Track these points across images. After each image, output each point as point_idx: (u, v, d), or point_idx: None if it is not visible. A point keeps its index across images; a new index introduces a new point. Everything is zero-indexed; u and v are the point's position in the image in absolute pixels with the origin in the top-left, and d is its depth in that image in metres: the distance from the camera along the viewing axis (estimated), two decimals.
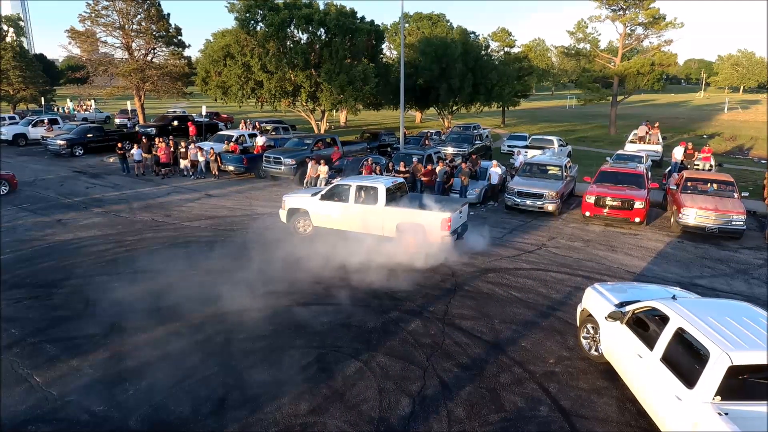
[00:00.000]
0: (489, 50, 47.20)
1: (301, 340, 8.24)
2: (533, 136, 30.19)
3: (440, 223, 11.78)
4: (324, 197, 13.17)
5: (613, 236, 14.27)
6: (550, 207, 15.91)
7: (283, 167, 20.90)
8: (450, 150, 25.21)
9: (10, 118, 35.08)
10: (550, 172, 17.55)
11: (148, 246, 12.76)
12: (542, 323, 8.90)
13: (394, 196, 12.88)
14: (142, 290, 9.91)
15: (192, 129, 30.58)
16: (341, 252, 11.67)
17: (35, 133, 31.74)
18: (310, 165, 18.85)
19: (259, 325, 8.69)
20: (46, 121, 33.00)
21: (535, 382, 7.16)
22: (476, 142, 27.71)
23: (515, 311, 9.35)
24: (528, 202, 16.11)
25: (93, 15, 35.18)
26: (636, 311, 6.88)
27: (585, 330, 7.97)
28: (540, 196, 15.98)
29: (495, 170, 18.34)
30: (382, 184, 12.66)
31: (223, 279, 10.44)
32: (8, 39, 65.57)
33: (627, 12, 37.87)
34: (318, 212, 13.28)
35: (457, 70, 37.48)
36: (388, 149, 27.37)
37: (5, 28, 74.12)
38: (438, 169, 17.97)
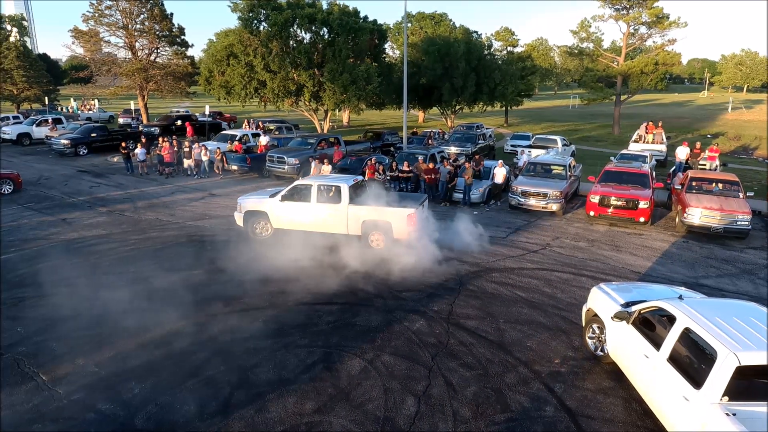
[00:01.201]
0: (492, 50, 47.13)
1: (306, 339, 8.24)
2: (536, 136, 30.13)
3: (406, 219, 11.88)
4: (284, 198, 12.87)
5: (618, 236, 14.23)
6: (554, 207, 15.88)
7: (286, 166, 20.92)
8: (453, 149, 25.18)
9: (14, 117, 35.28)
10: (553, 171, 17.52)
11: (153, 245, 12.78)
12: (547, 323, 8.88)
13: (356, 194, 12.80)
14: (148, 289, 9.94)
15: (189, 129, 30.56)
16: (335, 251, 11.72)
17: (39, 132, 31.85)
18: (313, 164, 18.85)
19: (263, 323, 8.70)
20: (50, 121, 33.13)
21: (541, 382, 7.14)
22: (479, 141, 27.67)
23: (520, 311, 9.34)
24: (532, 201, 16.09)
25: (96, 15, 35.27)
26: (642, 311, 6.86)
27: (590, 330, 7.95)
28: (544, 196, 15.95)
29: (500, 170, 18.32)
30: (344, 183, 12.61)
31: (224, 277, 10.45)
32: (11, 39, 65.74)
33: (630, 11, 37.78)
34: (278, 214, 12.92)
35: (460, 69, 37.44)
36: (391, 149, 27.37)
37: (8, 27, 74.35)
38: (441, 168, 17.97)
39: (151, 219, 15.30)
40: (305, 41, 32.19)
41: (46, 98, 49.50)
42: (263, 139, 25.74)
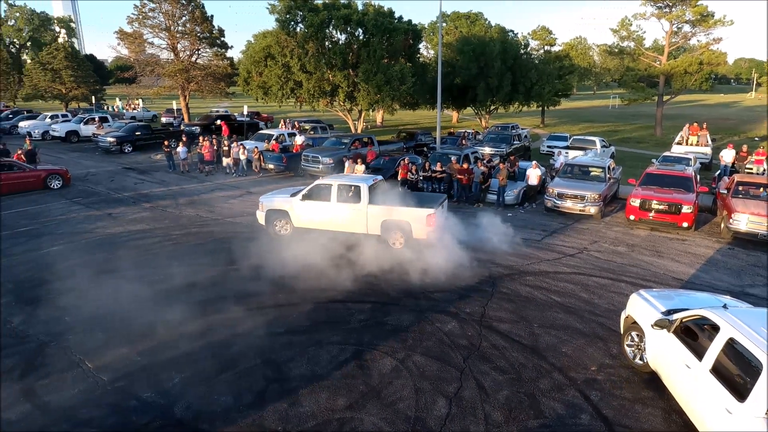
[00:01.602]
0: (528, 49, 46.34)
1: (338, 336, 8.34)
2: (574, 137, 29.47)
3: (425, 219, 11.88)
4: (305, 197, 13.04)
5: (660, 241, 13.78)
6: (592, 210, 15.52)
7: (321, 166, 21.18)
8: (487, 150, 24.90)
9: (63, 115, 36.85)
10: (592, 173, 17.11)
11: (193, 240, 13.18)
12: (584, 329, 8.70)
13: (376, 194, 12.86)
14: (187, 282, 10.28)
15: (225, 129, 31.25)
16: (360, 250, 11.81)
17: (87, 130, 33.25)
18: (347, 164, 19.02)
19: (296, 319, 8.86)
20: (96, 119, 34.55)
21: (576, 389, 7.01)
22: (515, 142, 27.27)
23: (555, 316, 9.18)
24: (568, 204, 15.76)
25: (140, 17, 36.56)
26: (684, 320, 6.64)
27: (629, 337, 7.75)
28: (582, 198, 15.61)
29: (534, 171, 18.03)
30: (364, 183, 12.70)
31: (259, 273, 10.68)
32: (60, 40, 68.99)
33: (673, 9, 36.42)
34: (299, 213, 13.12)
35: (496, 69, 37.00)
36: (425, 149, 27.31)
37: (57, 29, 78.02)
38: (475, 169, 17.82)
39: (191, 215, 15.78)
40: (340, 42, 32.50)
41: (93, 97, 51.62)
42: (298, 139, 26.14)
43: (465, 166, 17.84)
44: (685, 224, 14.17)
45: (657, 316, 7.04)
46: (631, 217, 14.86)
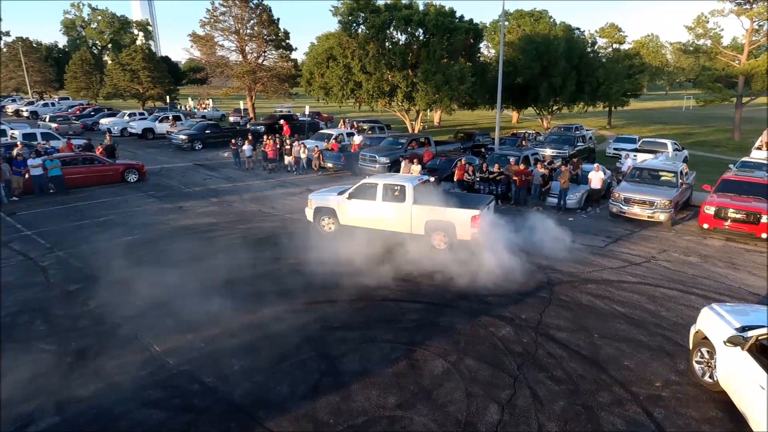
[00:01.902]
0: (596, 47, 44.46)
1: (391, 334, 8.41)
2: (644, 139, 28.00)
3: (469, 220, 11.74)
4: (351, 196, 13.21)
5: (735, 252, 12.84)
6: (662, 216, 14.69)
7: (377, 165, 21.40)
8: (549, 152, 24.19)
9: (140, 114, 39.35)
10: (662, 178, 16.18)
11: (255, 234, 13.71)
12: (649, 342, 8.27)
13: (421, 194, 12.80)
14: (250, 274, 10.74)
15: (286, 128, 32.17)
16: (411, 250, 11.82)
17: (161, 128, 35.35)
18: (403, 164, 19.08)
19: (350, 315, 9.02)
20: (170, 118, 36.63)
21: (638, 405, 6.68)
22: (578, 143, 26.31)
23: (618, 327, 8.78)
24: (636, 210, 15.01)
25: (212, 20, 38.44)
26: (761, 337, 6.16)
27: (698, 354, 7.28)
28: (650, 204, 14.81)
29: (596, 174, 17.29)
30: (409, 183, 12.70)
31: (317, 268, 10.95)
32: (138, 42, 73.73)
33: (754, 6, 33.71)
34: (345, 211, 13.32)
35: (560, 67, 35.80)
36: (482, 150, 26.90)
37: (135, 32, 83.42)
38: (534, 171, 17.35)
39: (254, 210, 16.43)
40: (401, 42, 32.64)
41: (168, 97, 54.85)
42: (356, 139, 26.53)
43: (522, 167, 17.40)
44: (764, 235, 13.14)
45: (730, 333, 6.58)
46: (705, 226, 13.93)
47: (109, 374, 7.20)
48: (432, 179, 18.06)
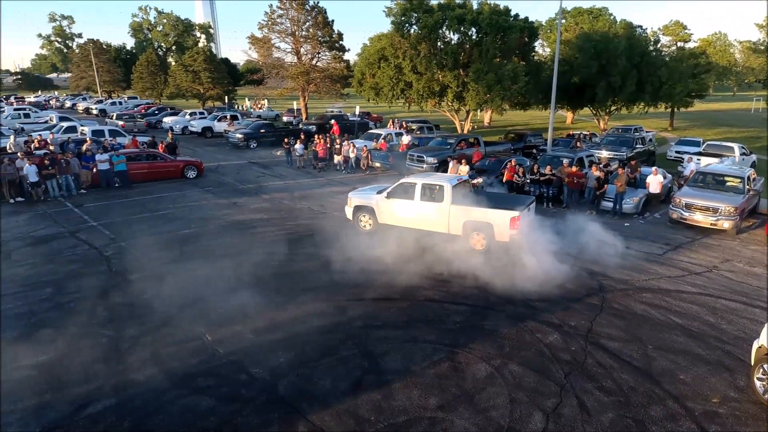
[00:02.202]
0: (659, 45, 42.33)
1: (433, 335, 8.37)
2: (708, 142, 26.45)
3: (508, 221, 11.52)
4: (390, 195, 13.24)
5: None
6: (726, 224, 13.81)
7: (425, 165, 21.34)
8: (605, 154, 23.28)
9: (200, 113, 41.08)
10: (728, 183, 15.21)
11: (304, 231, 14.01)
12: (707, 356, 7.81)
13: (460, 194, 12.66)
14: (298, 269, 11.01)
15: (336, 128, 32.56)
16: (454, 250, 11.69)
17: (219, 127, 36.77)
18: (451, 164, 18.92)
19: (393, 314, 9.05)
20: (228, 117, 38.04)
21: (693, 421, 6.33)
22: (637, 146, 25.14)
23: (674, 338, 8.35)
24: (698, 216, 14.20)
25: (270, 23, 39.60)
26: None
27: (761, 370, 6.81)
28: (714, 211, 13.97)
29: (654, 177, 16.46)
30: (448, 182, 12.57)
31: (361, 266, 11.06)
32: (200, 44, 76.98)
33: None
34: (383, 210, 13.39)
35: (620, 66, 34.36)
36: (534, 151, 26.24)
37: (198, 34, 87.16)
38: (589, 173, 16.73)
39: (303, 207, 16.80)
40: (453, 42, 32.38)
41: (226, 97, 56.95)
42: (405, 138, 26.54)
43: (575, 169, 16.82)
44: None
45: None
46: None
47: (163, 360, 7.58)
48: (480, 180, 17.89)
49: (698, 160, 21.54)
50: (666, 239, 13.72)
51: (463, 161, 18.49)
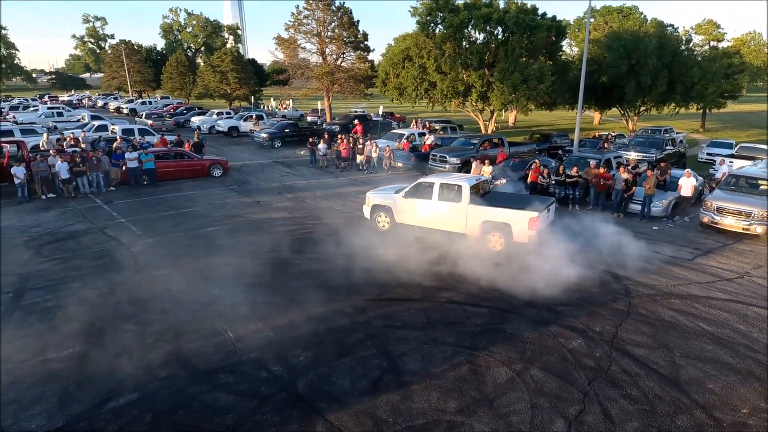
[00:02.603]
0: (691, 45, 41.14)
1: (453, 337, 8.29)
2: (741, 144, 25.59)
3: (527, 222, 11.37)
4: (408, 194, 13.20)
5: None
6: (759, 229, 13.32)
7: (447, 165, 21.20)
8: (633, 155, 22.73)
9: (227, 113, 41.74)
10: (762, 187, 14.66)
11: (325, 230, 14.06)
12: (737, 365, 7.53)
13: (478, 194, 12.59)
14: (318, 268, 11.06)
15: (359, 128, 32.62)
16: (486, 252, 11.56)
17: (245, 126, 37.30)
18: (474, 164, 18.76)
19: (413, 315, 9.00)
20: (254, 117, 38.54)
21: (721, 431, 6.12)
22: (667, 147, 24.48)
23: (702, 346, 8.08)
24: (729, 220, 13.73)
25: (296, 23, 39.94)
26: None
27: None
28: (746, 216, 13.49)
29: (687, 180, 15.97)
30: (466, 182, 12.47)
31: (382, 266, 11.03)
32: (228, 45, 78.27)
33: None
34: (401, 209, 13.36)
35: (650, 66, 33.49)
36: (560, 152, 25.80)
37: (226, 35, 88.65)
38: (617, 175, 16.34)
39: (325, 207, 16.89)
40: (478, 42, 32.11)
41: (252, 97, 57.71)
42: (428, 139, 26.42)
43: (602, 170, 16.45)
44: None
45: None
46: None
47: (185, 356, 7.70)
48: (504, 181, 17.68)
49: (731, 162, 20.86)
50: (696, 244, 13.31)
51: (486, 161, 18.31)
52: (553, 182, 17.22)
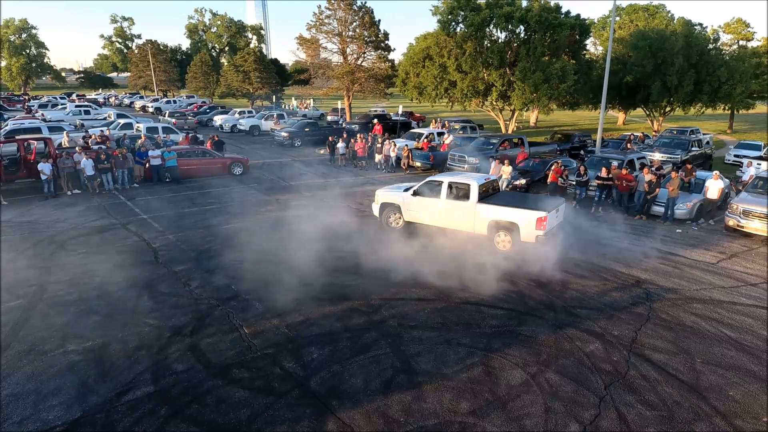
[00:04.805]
0: (719, 44, 40.03)
1: (468, 338, 8.23)
2: None
3: (534, 221, 11.25)
4: (416, 193, 13.16)
5: None
6: None
7: (466, 165, 21.06)
8: (658, 156, 22.25)
9: (248, 112, 42.23)
10: None
11: (341, 229, 14.09)
12: (760, 372, 7.31)
13: (487, 193, 12.52)
14: (335, 266, 11.12)
15: (379, 128, 32.63)
16: (489, 252, 11.51)
17: (266, 125, 37.71)
18: (493, 164, 18.60)
19: (428, 315, 8.97)
20: (275, 116, 38.92)
21: None
22: (693, 148, 23.90)
23: (725, 353, 7.86)
24: (756, 224, 13.33)
25: (318, 23, 40.20)
26: None
27: None
28: None
29: (715, 182, 15.55)
30: (474, 181, 12.40)
31: (397, 265, 11.01)
32: (251, 45, 79.14)
33: None
34: (409, 207, 13.33)
35: (676, 65, 32.73)
36: (581, 152, 25.40)
37: (249, 35, 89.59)
38: (639, 176, 16.00)
39: (342, 205, 16.95)
40: (500, 40, 31.81)
41: (274, 97, 58.26)
42: (447, 138, 26.29)
43: (624, 171, 16.12)
44: None
45: None
46: None
47: (202, 351, 7.81)
48: (523, 181, 17.49)
49: (758, 164, 20.25)
50: (720, 247, 12.96)
51: (506, 162, 18.14)
52: (574, 183, 16.95)
